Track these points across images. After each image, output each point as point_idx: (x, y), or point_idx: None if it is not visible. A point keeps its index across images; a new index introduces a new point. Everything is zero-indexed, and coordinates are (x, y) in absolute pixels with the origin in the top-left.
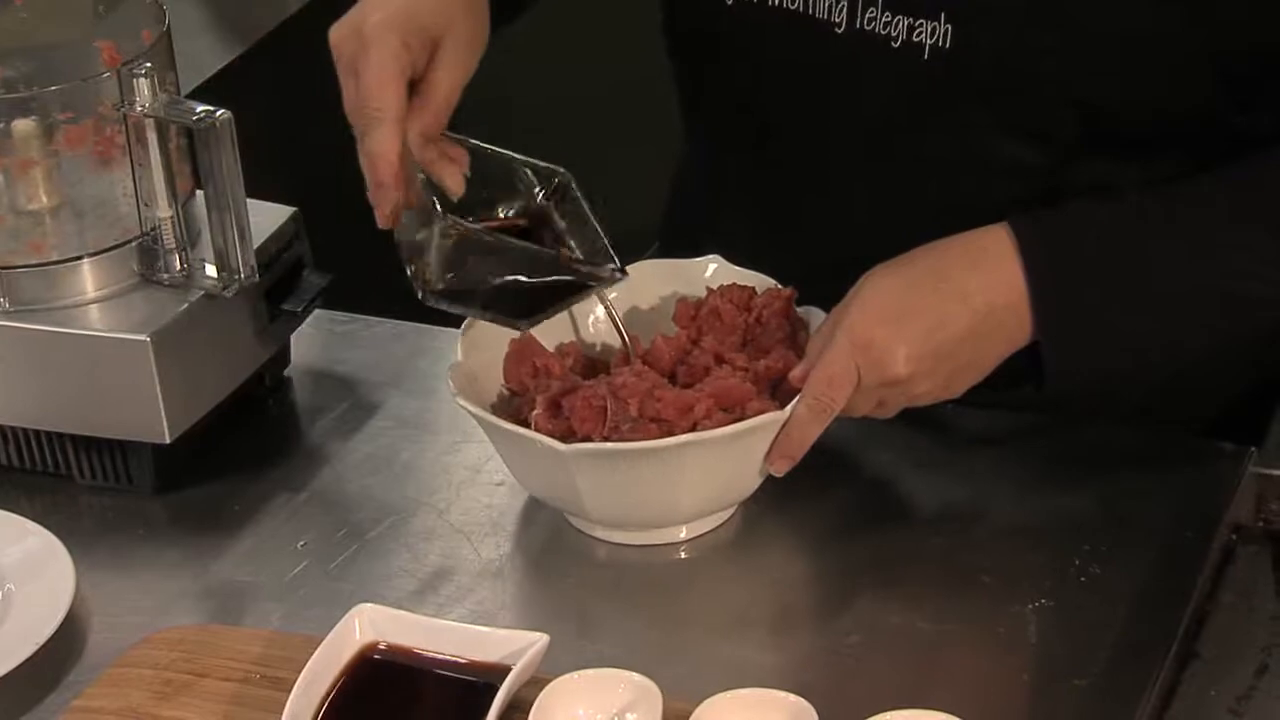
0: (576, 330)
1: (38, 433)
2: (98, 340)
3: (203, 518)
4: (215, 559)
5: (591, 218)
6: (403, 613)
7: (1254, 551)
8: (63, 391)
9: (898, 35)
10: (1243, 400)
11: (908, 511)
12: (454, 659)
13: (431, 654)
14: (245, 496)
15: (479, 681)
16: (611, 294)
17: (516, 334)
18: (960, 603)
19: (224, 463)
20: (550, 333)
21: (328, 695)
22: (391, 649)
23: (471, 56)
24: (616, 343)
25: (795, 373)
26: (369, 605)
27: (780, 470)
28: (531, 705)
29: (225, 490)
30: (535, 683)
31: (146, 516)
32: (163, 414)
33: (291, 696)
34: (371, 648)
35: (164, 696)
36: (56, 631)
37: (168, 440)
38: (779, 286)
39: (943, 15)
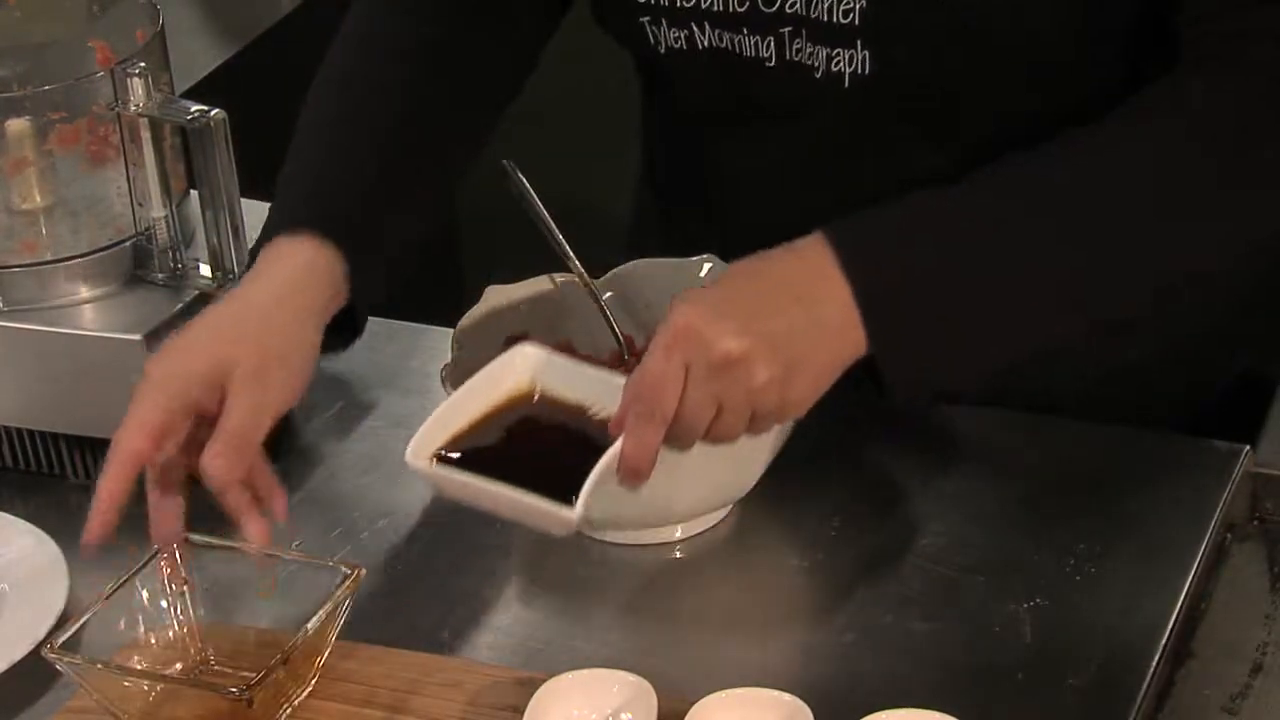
0: (571, 330)
1: (32, 433)
2: (91, 340)
3: (196, 518)
4: (208, 559)
5: None
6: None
7: (1248, 550)
8: (57, 391)
9: (819, 65)
10: (1237, 399)
11: (902, 510)
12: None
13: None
14: None
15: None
16: (606, 294)
17: (509, 332)
18: (955, 602)
19: None
20: (544, 333)
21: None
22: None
23: (271, 384)
24: (611, 343)
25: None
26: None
27: (631, 485)
28: (526, 705)
29: None
30: (529, 683)
31: (140, 516)
32: None
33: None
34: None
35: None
36: (50, 631)
37: None
38: None
39: (859, 43)
